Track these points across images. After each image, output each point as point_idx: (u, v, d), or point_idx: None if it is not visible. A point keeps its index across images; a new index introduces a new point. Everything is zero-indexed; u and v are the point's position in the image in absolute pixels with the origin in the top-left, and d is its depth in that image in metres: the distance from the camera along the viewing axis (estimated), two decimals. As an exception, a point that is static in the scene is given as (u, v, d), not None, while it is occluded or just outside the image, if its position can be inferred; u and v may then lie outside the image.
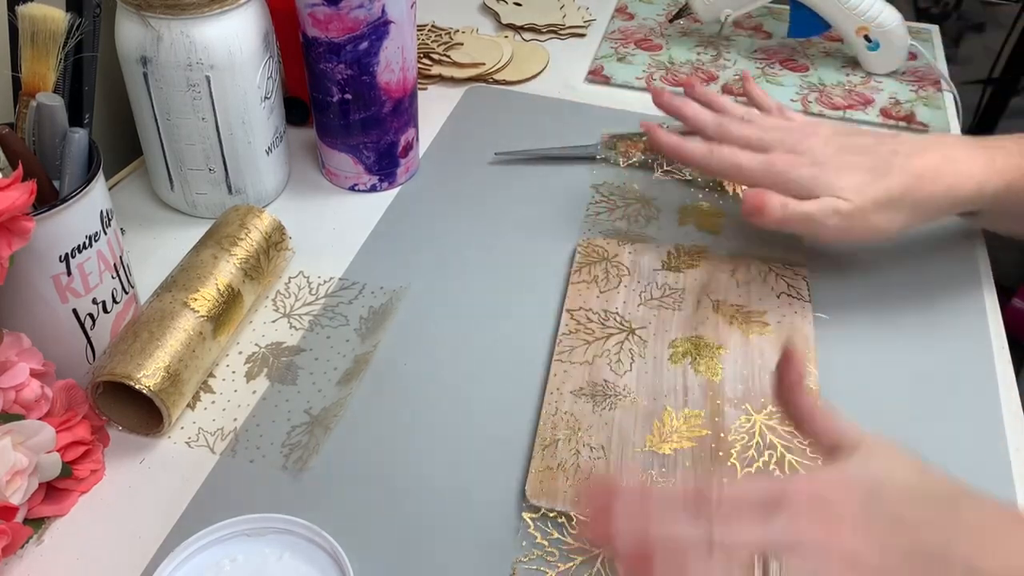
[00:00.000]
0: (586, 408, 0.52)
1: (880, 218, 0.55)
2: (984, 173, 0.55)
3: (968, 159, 0.55)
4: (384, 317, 0.58)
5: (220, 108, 0.60)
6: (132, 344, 0.49)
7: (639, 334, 0.57)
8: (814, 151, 0.57)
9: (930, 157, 0.55)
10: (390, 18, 0.61)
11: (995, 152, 0.56)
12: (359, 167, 0.69)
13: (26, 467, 0.44)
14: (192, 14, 0.56)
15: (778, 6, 0.95)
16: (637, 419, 0.51)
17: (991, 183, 0.55)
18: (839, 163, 0.56)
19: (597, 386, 0.53)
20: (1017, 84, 1.55)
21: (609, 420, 0.51)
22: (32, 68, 0.47)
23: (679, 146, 0.60)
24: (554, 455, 0.49)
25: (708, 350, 0.56)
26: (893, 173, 0.55)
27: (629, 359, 0.55)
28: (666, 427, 0.51)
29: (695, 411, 0.52)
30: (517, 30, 0.94)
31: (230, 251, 0.56)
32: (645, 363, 0.55)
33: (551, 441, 0.50)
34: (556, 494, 0.47)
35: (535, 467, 0.48)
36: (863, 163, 0.55)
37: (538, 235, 0.66)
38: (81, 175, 0.48)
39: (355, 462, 0.49)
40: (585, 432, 0.50)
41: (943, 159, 0.55)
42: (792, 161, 0.56)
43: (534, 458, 0.49)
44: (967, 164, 0.55)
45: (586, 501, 0.39)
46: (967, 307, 0.60)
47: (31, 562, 0.45)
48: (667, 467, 0.49)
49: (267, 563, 0.43)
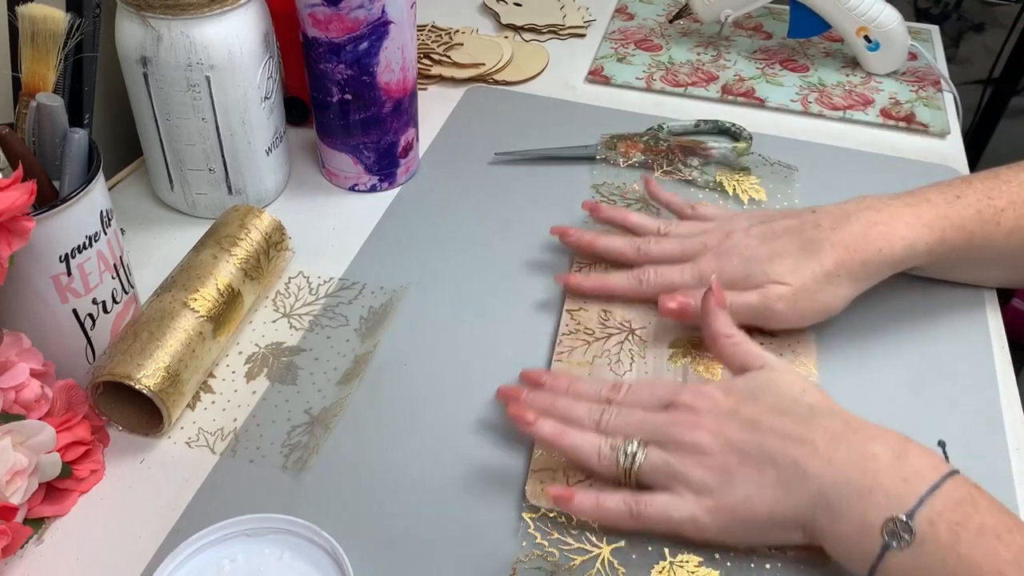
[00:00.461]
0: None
1: (824, 295, 0.54)
2: (912, 231, 0.54)
3: (892, 219, 0.54)
4: (384, 317, 0.58)
5: (220, 108, 0.60)
6: (132, 344, 0.49)
7: (639, 334, 0.57)
8: (739, 247, 0.57)
9: (854, 226, 0.55)
10: (390, 18, 0.61)
11: (920, 207, 0.55)
12: (359, 167, 0.69)
13: (26, 467, 0.44)
14: (192, 14, 0.56)
15: (778, 6, 0.95)
16: None
17: (922, 239, 0.54)
18: (768, 252, 0.55)
19: None
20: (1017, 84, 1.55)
21: None
22: (32, 68, 0.47)
23: (604, 284, 0.59)
24: (554, 456, 0.49)
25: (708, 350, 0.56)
26: (823, 249, 0.54)
27: (629, 359, 0.55)
28: None
29: None
30: (517, 30, 0.94)
31: (230, 251, 0.56)
32: (645, 363, 0.55)
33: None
34: None
35: (535, 468, 0.48)
36: (790, 246, 0.55)
37: (538, 235, 0.66)
38: (81, 175, 0.48)
39: (355, 462, 0.49)
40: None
41: (867, 224, 0.54)
42: (721, 264, 0.56)
43: (534, 459, 0.49)
44: (893, 226, 0.54)
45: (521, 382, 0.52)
46: (967, 307, 0.60)
47: (31, 562, 0.45)
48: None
49: (267, 563, 0.43)
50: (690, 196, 0.70)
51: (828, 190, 0.71)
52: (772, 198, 0.69)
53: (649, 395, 0.48)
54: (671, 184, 0.71)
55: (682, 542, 0.45)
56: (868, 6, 0.82)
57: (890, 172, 0.74)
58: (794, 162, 0.73)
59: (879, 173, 0.73)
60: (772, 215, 0.59)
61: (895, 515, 0.40)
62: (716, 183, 0.70)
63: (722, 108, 0.82)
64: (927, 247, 0.54)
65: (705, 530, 0.44)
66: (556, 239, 0.65)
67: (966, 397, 0.54)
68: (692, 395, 0.47)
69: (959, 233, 0.54)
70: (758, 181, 0.71)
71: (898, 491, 0.40)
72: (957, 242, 0.54)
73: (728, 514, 0.43)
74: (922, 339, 0.58)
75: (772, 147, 0.75)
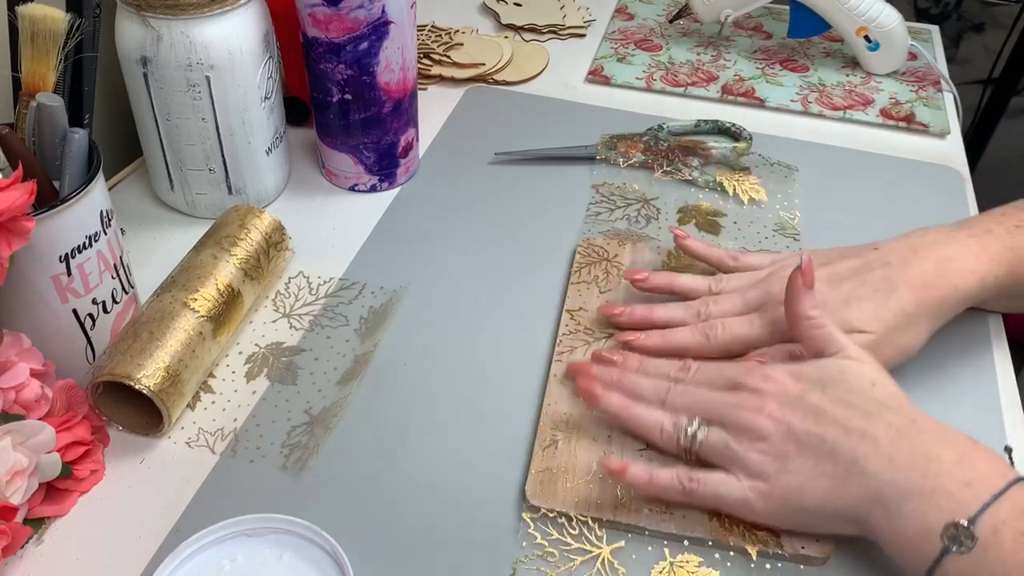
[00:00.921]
0: (585, 409, 0.52)
1: (904, 338, 0.51)
2: (983, 264, 0.52)
3: (963, 255, 0.53)
4: (384, 317, 0.58)
5: (220, 108, 0.60)
6: (132, 344, 0.49)
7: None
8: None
9: (925, 263, 0.52)
10: (390, 18, 0.61)
11: (985, 239, 0.53)
12: (359, 167, 0.69)
13: (26, 467, 0.44)
14: (192, 14, 0.56)
15: (778, 6, 0.95)
16: None
17: (992, 272, 0.52)
18: (841, 298, 0.52)
19: None
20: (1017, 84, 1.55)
21: (608, 423, 0.51)
22: (32, 68, 0.47)
23: (668, 343, 0.54)
24: (554, 456, 0.49)
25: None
26: (898, 290, 0.51)
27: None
28: None
29: None
30: (517, 30, 0.94)
31: (230, 251, 0.56)
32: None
33: (551, 442, 0.50)
34: (556, 495, 0.47)
35: (535, 468, 0.48)
36: (864, 290, 0.52)
37: (538, 235, 0.66)
38: (81, 175, 0.48)
39: (355, 462, 0.49)
40: (585, 433, 0.50)
41: (938, 260, 0.52)
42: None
43: (534, 459, 0.49)
44: (964, 260, 0.52)
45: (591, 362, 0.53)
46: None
47: (31, 562, 0.45)
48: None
49: (267, 563, 0.43)
50: (690, 195, 0.70)
51: (828, 190, 0.71)
52: (772, 198, 0.69)
53: (718, 374, 0.48)
54: (671, 184, 0.71)
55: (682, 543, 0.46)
56: (868, 6, 0.82)
57: (890, 172, 0.74)
58: (794, 162, 0.73)
59: (879, 173, 0.73)
60: (830, 256, 0.55)
61: (956, 520, 0.39)
62: (716, 183, 0.70)
63: (722, 108, 0.82)
64: (996, 280, 0.53)
65: (755, 513, 0.44)
66: (556, 239, 0.65)
67: (966, 397, 0.54)
68: (761, 378, 0.46)
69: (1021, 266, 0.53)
70: (758, 181, 0.71)
71: (961, 496, 0.39)
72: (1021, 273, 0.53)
73: (779, 500, 0.43)
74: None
75: (772, 147, 0.75)
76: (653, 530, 0.46)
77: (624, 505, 0.46)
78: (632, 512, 0.46)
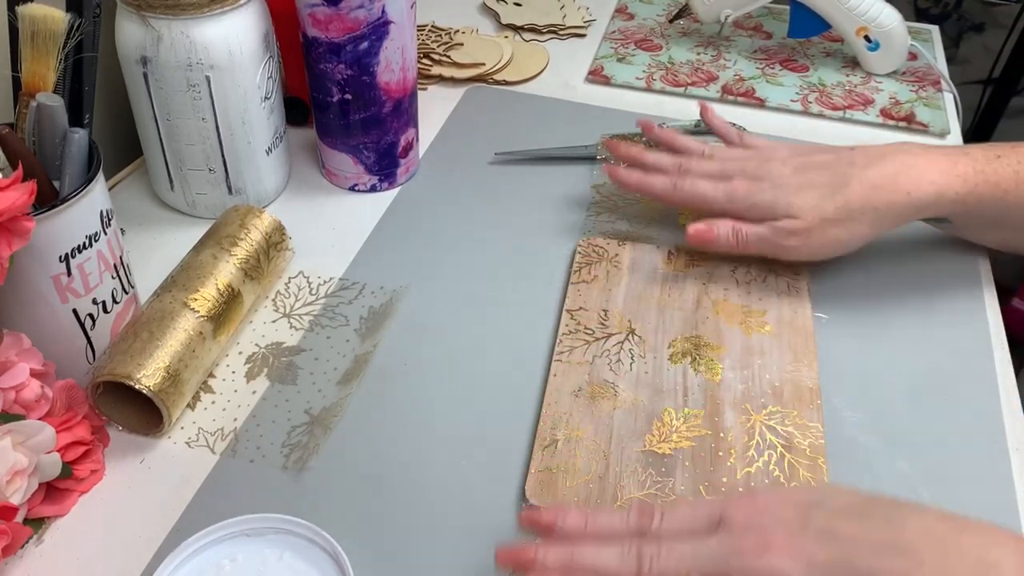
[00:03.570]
0: (585, 409, 0.52)
1: (841, 231, 0.56)
2: (944, 178, 0.54)
3: (928, 165, 0.55)
4: (384, 317, 0.58)
5: (220, 108, 0.60)
6: (132, 344, 0.49)
7: (639, 334, 0.57)
8: (772, 175, 0.58)
9: (887, 166, 0.55)
10: (390, 18, 0.61)
11: (958, 158, 0.55)
12: (359, 167, 0.69)
13: (26, 467, 0.44)
14: (192, 14, 0.56)
15: (778, 6, 0.95)
16: (637, 419, 0.51)
17: (952, 188, 0.54)
18: (798, 183, 0.57)
19: (596, 386, 0.53)
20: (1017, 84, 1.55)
21: (609, 420, 0.51)
22: (32, 68, 0.47)
23: (642, 182, 0.62)
24: (553, 456, 0.49)
25: (708, 350, 0.56)
26: (851, 185, 0.55)
27: (629, 359, 0.55)
28: (666, 426, 0.51)
29: (695, 411, 0.52)
30: (517, 30, 0.94)
31: (230, 251, 0.56)
32: (645, 363, 0.55)
33: (550, 441, 0.50)
34: (556, 494, 0.47)
35: (535, 467, 0.48)
36: (821, 179, 0.57)
37: (538, 235, 0.66)
38: (81, 175, 0.48)
39: (355, 462, 0.49)
40: (584, 433, 0.50)
41: (901, 166, 0.55)
42: (752, 187, 0.58)
43: (533, 458, 0.49)
44: (926, 171, 0.55)
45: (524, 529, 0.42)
46: (967, 307, 0.60)
47: (31, 562, 0.45)
48: (666, 467, 0.49)
49: (267, 563, 0.43)
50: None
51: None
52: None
53: (692, 517, 0.39)
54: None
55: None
56: (868, 6, 0.82)
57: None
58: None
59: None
60: (815, 149, 0.60)
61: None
62: None
63: (722, 108, 0.82)
64: (956, 197, 0.54)
65: None
66: (556, 239, 0.65)
67: (966, 397, 0.54)
68: (746, 509, 0.38)
69: (993, 191, 0.54)
70: None
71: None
72: (989, 200, 0.54)
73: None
74: (922, 339, 0.58)
75: (772, 147, 0.75)
76: None
77: (623, 506, 0.46)
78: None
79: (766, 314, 0.58)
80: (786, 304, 0.59)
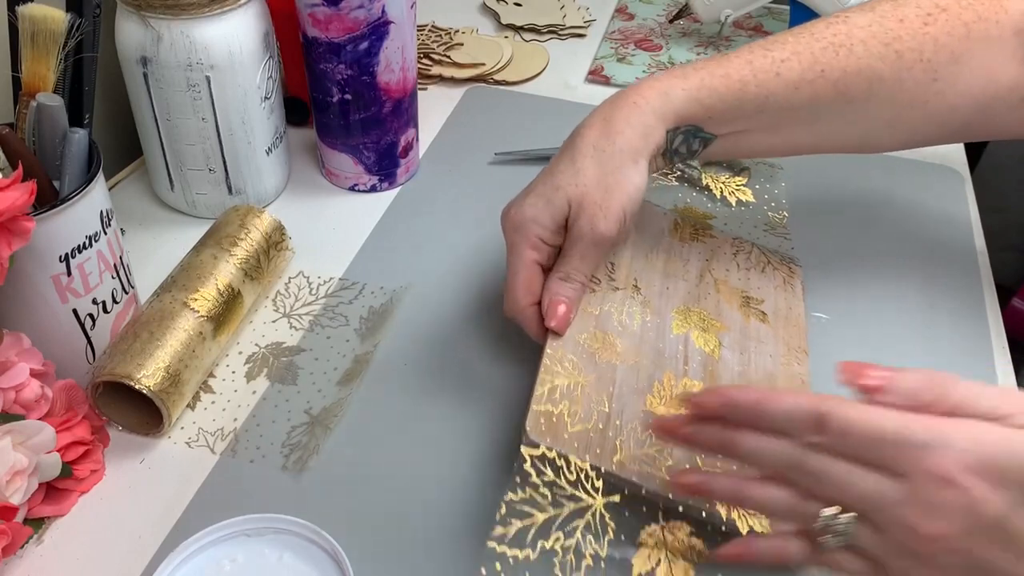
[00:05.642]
0: (589, 357, 0.50)
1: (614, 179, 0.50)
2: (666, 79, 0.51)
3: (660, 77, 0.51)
4: (384, 317, 0.58)
5: (220, 108, 0.60)
6: (132, 344, 0.49)
7: (644, 293, 0.56)
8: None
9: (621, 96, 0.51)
10: (390, 18, 0.61)
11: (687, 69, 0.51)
12: (359, 167, 0.69)
13: (26, 467, 0.44)
14: (192, 14, 0.56)
15: (778, 6, 0.95)
16: (639, 378, 0.50)
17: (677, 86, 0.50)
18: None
19: (602, 336, 0.51)
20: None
21: (611, 373, 0.49)
22: (32, 68, 0.47)
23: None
24: (555, 401, 0.46)
25: (708, 323, 0.55)
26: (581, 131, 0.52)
27: (632, 317, 0.54)
28: (666, 390, 0.50)
29: (694, 381, 0.51)
30: (517, 30, 0.94)
31: (230, 251, 0.56)
32: (648, 324, 0.54)
33: (553, 385, 0.47)
34: (557, 436, 0.45)
35: (537, 404, 0.46)
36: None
37: (538, 235, 0.65)
38: (81, 175, 0.48)
39: (355, 462, 0.49)
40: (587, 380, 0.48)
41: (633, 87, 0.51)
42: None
43: (535, 395, 0.46)
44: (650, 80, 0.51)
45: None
46: (967, 307, 0.60)
47: (31, 562, 0.45)
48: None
49: (267, 563, 0.43)
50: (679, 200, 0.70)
51: (828, 190, 0.71)
52: (759, 198, 0.69)
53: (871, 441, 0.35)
54: (670, 183, 0.71)
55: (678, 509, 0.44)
56: (868, 6, 0.82)
57: (889, 172, 0.73)
58: (793, 162, 0.73)
59: (877, 173, 0.73)
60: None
61: None
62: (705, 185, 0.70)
63: (722, 108, 0.82)
64: (685, 93, 0.50)
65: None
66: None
67: (966, 397, 0.54)
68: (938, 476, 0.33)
69: (724, 81, 0.50)
70: (743, 181, 0.71)
71: None
72: (726, 92, 0.50)
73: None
74: (922, 339, 0.58)
75: (772, 147, 0.75)
76: (651, 491, 0.44)
77: (624, 462, 0.45)
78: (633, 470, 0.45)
79: (764, 303, 0.58)
80: (782, 298, 0.59)
